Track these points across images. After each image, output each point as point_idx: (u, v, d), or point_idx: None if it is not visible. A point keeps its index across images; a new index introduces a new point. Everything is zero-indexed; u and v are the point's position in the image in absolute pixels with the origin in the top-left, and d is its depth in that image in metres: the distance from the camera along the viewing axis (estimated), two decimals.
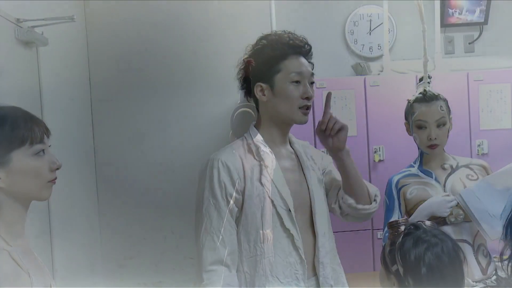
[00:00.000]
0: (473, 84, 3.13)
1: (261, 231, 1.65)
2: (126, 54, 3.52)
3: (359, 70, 3.47)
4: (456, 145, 2.21)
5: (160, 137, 3.57)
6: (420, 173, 2.14)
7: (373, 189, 1.85)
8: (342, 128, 1.75)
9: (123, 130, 3.54)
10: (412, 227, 1.39)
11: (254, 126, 1.80)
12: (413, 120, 2.12)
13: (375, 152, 3.10)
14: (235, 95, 3.46)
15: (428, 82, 2.21)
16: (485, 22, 3.58)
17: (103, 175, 3.53)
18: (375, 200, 1.83)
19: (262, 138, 1.75)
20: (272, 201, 1.67)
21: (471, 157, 3.02)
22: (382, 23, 3.49)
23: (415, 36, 3.27)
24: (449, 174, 2.10)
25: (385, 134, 3.10)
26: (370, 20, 3.62)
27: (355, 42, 3.64)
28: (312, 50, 1.80)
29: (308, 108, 1.73)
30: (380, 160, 3.10)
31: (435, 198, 2.00)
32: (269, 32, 1.81)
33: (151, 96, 3.56)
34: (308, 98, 1.72)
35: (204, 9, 3.56)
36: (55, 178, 1.31)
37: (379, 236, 3.08)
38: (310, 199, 1.76)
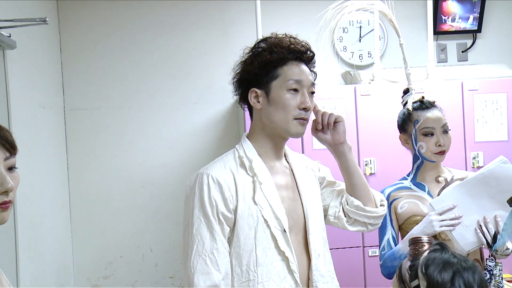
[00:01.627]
0: (468, 94, 3.10)
1: (254, 254, 1.58)
2: (102, 59, 3.46)
3: (348, 78, 3.42)
4: (450, 157, 2.13)
5: (138, 149, 3.51)
6: (412, 186, 2.10)
7: (377, 193, 1.82)
8: (338, 119, 1.72)
9: (98, 141, 3.47)
10: (439, 246, 1.36)
11: (247, 137, 1.73)
12: (417, 128, 2.07)
13: (366, 164, 3.04)
14: (221, 104, 3.56)
15: (411, 93, 2.17)
16: (479, 30, 3.59)
17: (76, 189, 3.44)
18: (382, 204, 1.80)
19: (255, 151, 1.68)
20: (266, 221, 1.60)
21: (466, 169, 3.02)
22: (372, 30, 3.45)
23: (407, 43, 3.18)
24: (443, 188, 2.06)
25: (377, 146, 3.05)
26: (360, 27, 3.60)
27: (344, 50, 3.60)
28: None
29: (305, 119, 1.66)
30: (371, 173, 3.05)
31: (420, 224, 1.96)
32: (269, 34, 1.74)
33: (129, 105, 3.50)
34: (305, 109, 1.65)
35: (187, 10, 3.53)
36: (7, 203, 1.13)
37: (370, 254, 3.04)
38: (304, 218, 1.69)
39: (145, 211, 3.50)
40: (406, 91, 2.17)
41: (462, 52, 3.64)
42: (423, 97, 2.12)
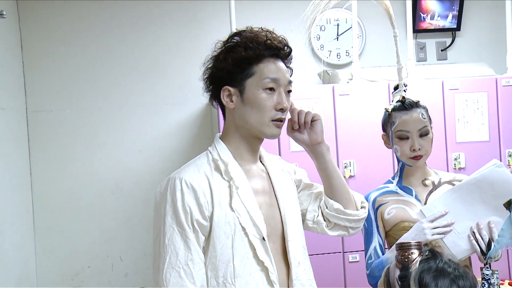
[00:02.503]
0: (448, 93, 3.10)
1: (231, 265, 1.51)
2: (68, 58, 3.39)
3: (326, 78, 3.41)
4: (431, 159, 2.12)
5: (107, 153, 3.44)
6: (399, 190, 2.07)
7: (357, 195, 1.78)
8: (316, 118, 1.69)
9: (63, 145, 3.39)
10: (430, 254, 1.34)
11: (220, 138, 1.67)
12: (393, 130, 2.05)
13: (345, 167, 3.02)
14: (194, 105, 3.52)
15: (404, 90, 2.14)
16: (458, 28, 3.61)
17: (40, 195, 3.35)
18: (363, 206, 1.77)
19: (230, 153, 1.62)
20: (244, 229, 1.54)
21: (447, 171, 3.03)
22: (350, 28, 3.45)
23: (386, 41, 3.31)
24: (431, 191, 2.04)
25: (356, 148, 3.03)
26: (338, 25, 3.59)
27: (322, 48, 3.59)
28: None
29: (281, 120, 1.61)
30: (351, 176, 3.03)
31: (411, 232, 1.93)
32: (244, 28, 1.67)
33: (97, 107, 3.43)
34: (282, 110, 1.60)
35: (159, 7, 3.48)
36: None
37: (350, 260, 3.02)
38: (282, 224, 1.64)
39: (115, 217, 3.43)
40: (396, 87, 2.15)
41: (442, 50, 3.65)
42: (403, 97, 2.09)
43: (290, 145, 2.94)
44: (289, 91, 1.65)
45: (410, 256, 1.38)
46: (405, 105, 2.05)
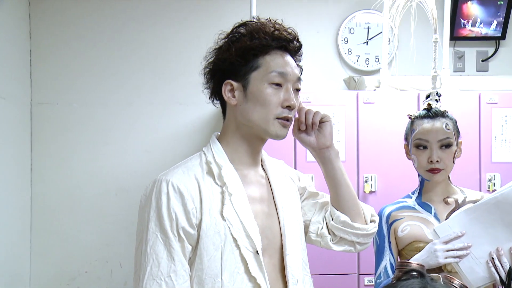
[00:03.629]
0: (486, 107, 3.00)
1: (219, 280, 1.44)
2: (79, 49, 3.36)
3: (352, 84, 3.33)
4: (462, 179, 2.15)
5: (113, 152, 3.39)
6: (417, 206, 2.03)
7: (367, 208, 1.72)
8: (325, 119, 1.61)
9: (68, 141, 3.35)
10: (416, 274, 1.25)
11: (217, 139, 1.60)
12: (412, 138, 2.01)
13: (365, 181, 2.96)
14: (208, 106, 3.36)
15: (437, 100, 2.08)
16: (503, 37, 3.50)
17: (39, 194, 3.31)
18: (372, 220, 1.70)
19: (226, 156, 1.55)
20: (236, 241, 1.46)
21: None
22: (381, 32, 3.35)
23: (418, 48, 3.22)
24: (453, 210, 1.95)
25: (379, 161, 2.96)
26: (368, 28, 3.51)
27: (349, 52, 3.52)
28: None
29: (288, 120, 1.53)
30: (371, 191, 2.96)
31: (422, 254, 1.87)
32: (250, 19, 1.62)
33: (105, 102, 3.39)
34: (289, 108, 1.52)
35: (178, 3, 3.45)
36: None
37: (366, 283, 2.92)
38: (281, 236, 1.56)
39: (117, 221, 3.36)
40: (428, 96, 2.10)
41: (483, 61, 3.54)
42: (429, 105, 2.03)
43: (307, 154, 2.81)
44: (298, 90, 1.57)
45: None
46: (430, 113, 2.00)
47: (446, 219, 1.93)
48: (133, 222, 3.27)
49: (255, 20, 1.58)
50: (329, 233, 1.68)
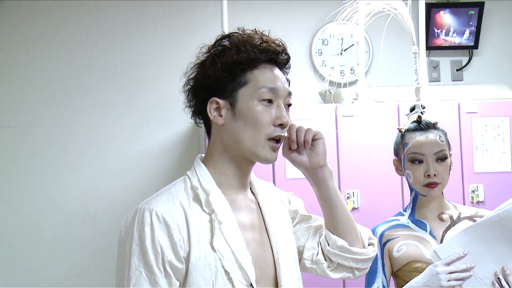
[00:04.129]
0: (466, 117, 3.03)
1: None
2: (36, 68, 3.32)
3: (328, 97, 3.31)
4: (445, 191, 2.02)
5: (79, 176, 3.36)
6: (411, 224, 1.99)
7: (364, 230, 1.67)
8: (317, 136, 1.55)
9: (29, 166, 3.33)
10: None
11: (202, 161, 1.51)
12: (405, 153, 1.97)
13: (348, 198, 2.95)
14: (178, 124, 3.44)
15: (422, 113, 2.06)
16: (475, 46, 3.57)
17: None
18: (370, 243, 1.64)
19: (213, 180, 1.47)
20: (228, 273, 1.40)
21: (464, 204, 2.92)
22: (356, 43, 3.38)
23: (396, 58, 3.29)
24: (448, 227, 1.95)
25: (361, 176, 2.96)
26: (342, 39, 3.53)
27: (324, 64, 3.54)
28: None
29: (279, 140, 1.47)
30: (354, 208, 2.94)
31: (423, 277, 1.84)
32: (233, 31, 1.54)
33: (68, 123, 3.36)
34: (282, 126, 1.45)
35: (143, 12, 3.43)
36: None
37: None
38: (275, 265, 1.50)
39: (85, 250, 3.32)
40: (413, 109, 2.08)
41: (457, 70, 3.61)
42: (419, 117, 2.01)
43: (286, 171, 2.86)
44: (289, 105, 1.50)
45: None
46: (421, 126, 1.98)
47: (442, 237, 1.93)
48: (103, 250, 3.24)
49: (240, 32, 1.50)
50: (325, 259, 1.62)
